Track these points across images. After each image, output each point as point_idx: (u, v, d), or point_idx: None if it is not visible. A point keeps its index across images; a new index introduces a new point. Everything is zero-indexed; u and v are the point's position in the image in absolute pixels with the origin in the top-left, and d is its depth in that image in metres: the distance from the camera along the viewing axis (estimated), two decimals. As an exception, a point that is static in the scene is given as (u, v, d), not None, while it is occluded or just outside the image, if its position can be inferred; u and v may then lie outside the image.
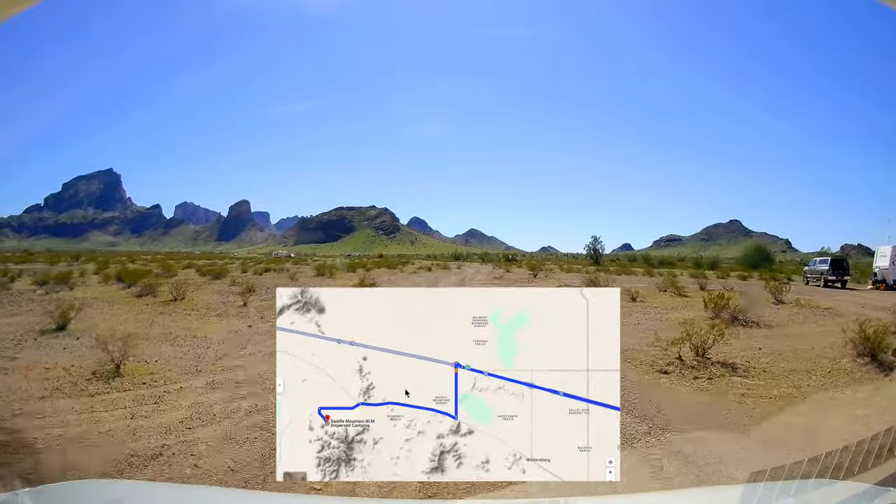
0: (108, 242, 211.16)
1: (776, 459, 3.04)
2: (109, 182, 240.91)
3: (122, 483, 3.76)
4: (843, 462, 2.48)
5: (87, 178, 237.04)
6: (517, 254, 52.23)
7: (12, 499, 1.82)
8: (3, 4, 2.38)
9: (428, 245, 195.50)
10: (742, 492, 2.05)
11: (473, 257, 57.88)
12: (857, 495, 1.91)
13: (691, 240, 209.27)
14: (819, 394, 7.25)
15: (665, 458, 4.77)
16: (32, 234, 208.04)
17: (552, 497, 2.43)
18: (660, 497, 3.00)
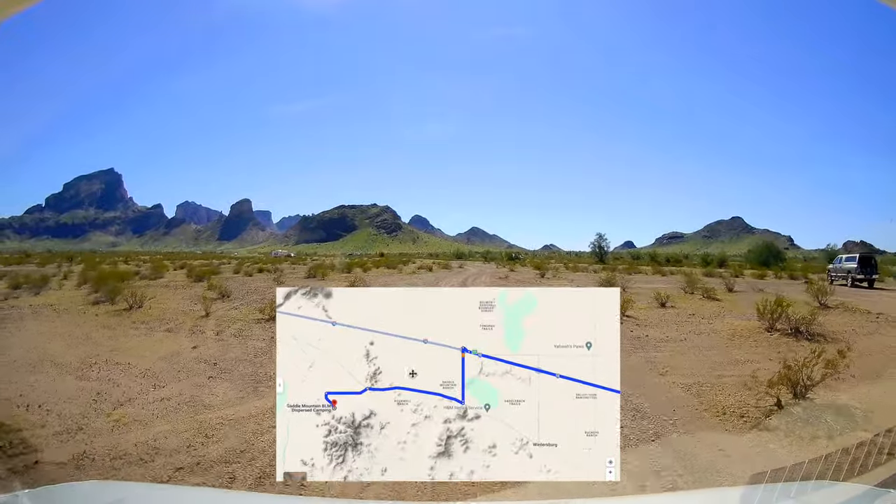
0: (109, 242, 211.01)
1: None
2: (111, 182, 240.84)
3: (121, 484, 3.67)
4: (843, 464, 2.53)
5: (89, 178, 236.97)
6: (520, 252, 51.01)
7: (12, 500, 1.82)
8: (3, 4, 2.35)
9: (430, 244, 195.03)
10: (742, 493, 2.02)
11: (476, 256, 56.50)
12: (857, 497, 1.86)
13: (693, 237, 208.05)
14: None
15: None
16: (34, 235, 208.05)
17: (552, 497, 2.33)
18: (660, 498, 2.95)
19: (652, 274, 30.86)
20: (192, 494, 2.75)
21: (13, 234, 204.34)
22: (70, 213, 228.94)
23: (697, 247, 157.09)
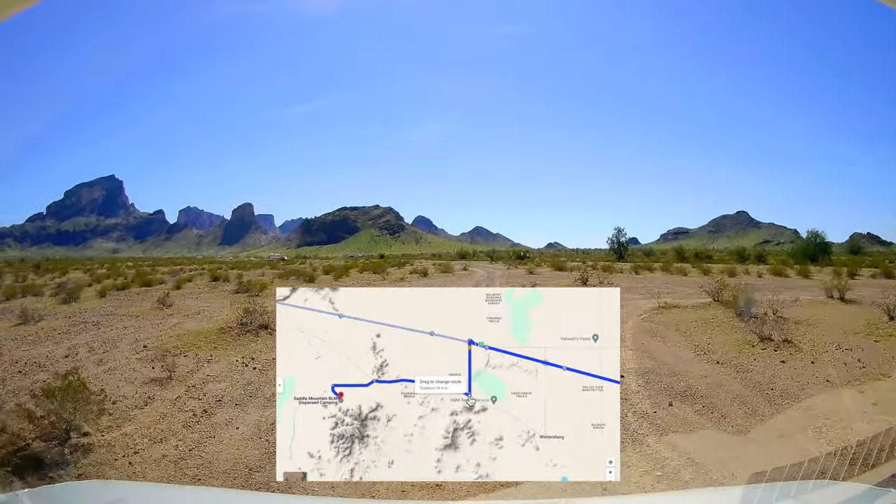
0: (110, 249, 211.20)
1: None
2: (112, 188, 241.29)
3: (121, 484, 3.66)
4: (843, 463, 2.58)
5: (89, 184, 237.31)
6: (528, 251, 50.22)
7: (12, 499, 1.82)
8: (2, 4, 2.32)
9: (433, 244, 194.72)
10: (742, 493, 2.01)
11: (481, 255, 56.02)
12: (856, 496, 1.86)
13: (698, 232, 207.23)
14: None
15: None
16: (35, 243, 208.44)
17: (552, 496, 2.35)
18: (660, 497, 2.95)
19: (697, 274, 21.94)
20: (192, 494, 2.75)
21: (14, 242, 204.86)
22: (71, 221, 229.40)
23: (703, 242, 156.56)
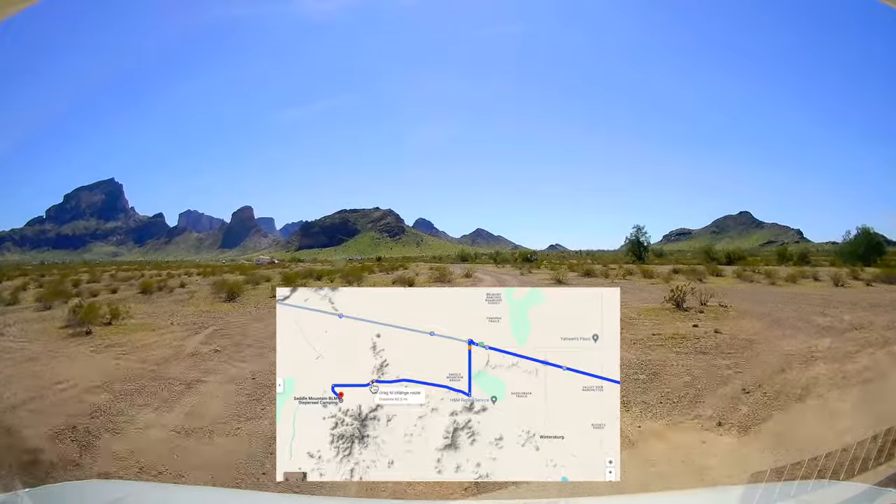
0: (110, 253, 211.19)
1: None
2: (111, 192, 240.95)
3: (121, 483, 3.68)
4: (843, 463, 2.49)
5: (89, 188, 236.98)
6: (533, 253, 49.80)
7: (12, 499, 1.83)
8: (2, 4, 2.32)
9: (434, 246, 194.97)
10: (742, 493, 1.98)
11: (483, 258, 55.25)
12: (856, 496, 1.85)
13: (701, 233, 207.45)
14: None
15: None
16: (35, 247, 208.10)
17: (552, 496, 2.33)
18: (660, 497, 2.99)
19: (736, 279, 19.07)
20: (192, 494, 2.74)
21: (13, 246, 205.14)
22: (71, 224, 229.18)
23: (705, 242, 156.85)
